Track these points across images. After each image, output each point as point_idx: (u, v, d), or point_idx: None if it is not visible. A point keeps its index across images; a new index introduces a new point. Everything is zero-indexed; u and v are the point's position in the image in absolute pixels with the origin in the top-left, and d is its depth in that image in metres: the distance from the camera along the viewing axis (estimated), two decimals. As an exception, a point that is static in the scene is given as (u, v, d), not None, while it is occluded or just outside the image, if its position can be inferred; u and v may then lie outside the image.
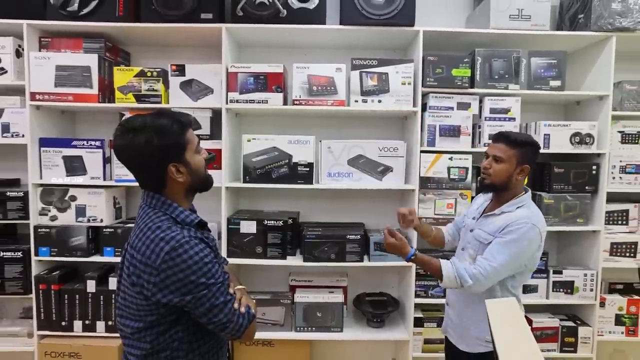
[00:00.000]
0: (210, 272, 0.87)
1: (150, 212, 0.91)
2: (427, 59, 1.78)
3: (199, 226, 0.96)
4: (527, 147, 1.28)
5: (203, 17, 1.77)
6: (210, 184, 1.01)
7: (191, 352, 0.92)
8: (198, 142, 0.97)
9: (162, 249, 0.84)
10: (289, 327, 1.89)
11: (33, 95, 1.77)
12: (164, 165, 0.90)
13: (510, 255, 1.21)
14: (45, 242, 1.81)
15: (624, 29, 1.76)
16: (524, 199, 1.30)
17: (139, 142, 0.87)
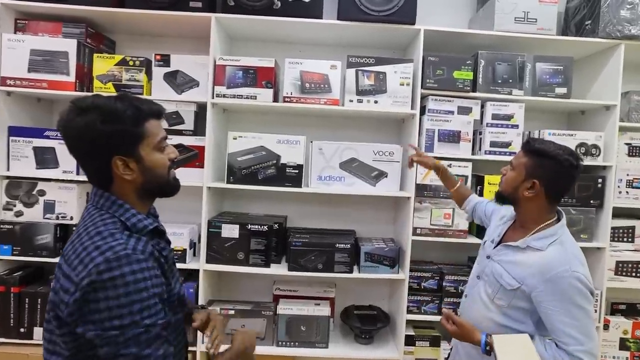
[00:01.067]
0: (140, 305, 0.68)
1: (95, 214, 0.77)
2: (428, 59, 1.69)
3: (155, 234, 0.82)
4: (544, 159, 1.06)
5: (192, 5, 1.67)
6: (174, 190, 0.87)
7: None
8: (163, 138, 0.83)
9: (92, 260, 0.68)
10: (271, 341, 1.75)
11: (3, 80, 1.64)
12: (108, 157, 0.76)
13: (585, 324, 1.01)
14: (7, 240, 1.66)
15: (633, 37, 1.68)
16: (555, 232, 1.08)
17: (79, 124, 0.74)
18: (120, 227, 0.75)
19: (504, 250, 1.16)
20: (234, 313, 1.74)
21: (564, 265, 1.02)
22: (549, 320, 1.05)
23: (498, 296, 1.12)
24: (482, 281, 1.20)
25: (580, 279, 1.02)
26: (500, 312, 1.12)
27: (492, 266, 1.17)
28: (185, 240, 1.72)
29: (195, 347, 1.71)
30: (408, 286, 1.74)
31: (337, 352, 1.75)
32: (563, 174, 1.07)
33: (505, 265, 1.13)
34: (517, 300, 1.09)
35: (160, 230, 0.84)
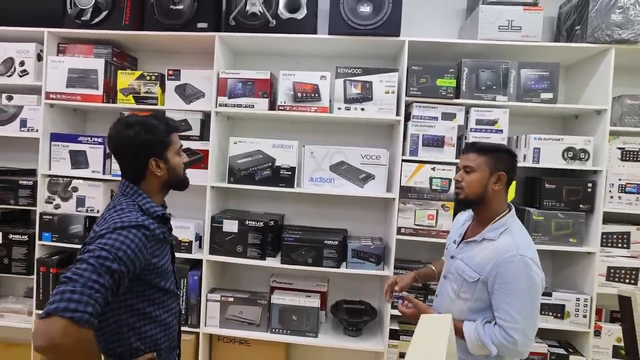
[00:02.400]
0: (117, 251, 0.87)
1: (121, 198, 1.02)
2: (412, 69, 1.79)
3: (162, 220, 1.04)
4: (498, 153, 1.19)
5: (199, 26, 1.90)
6: (186, 185, 1.13)
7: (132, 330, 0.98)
8: (180, 146, 1.10)
9: (114, 222, 0.92)
10: (265, 328, 1.91)
11: (47, 95, 1.96)
12: (147, 158, 1.02)
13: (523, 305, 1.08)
14: (49, 228, 1.97)
15: (623, 41, 1.67)
16: (506, 221, 1.18)
17: (129, 134, 1.01)
18: (137, 208, 1.00)
19: (464, 247, 1.25)
20: (232, 300, 1.93)
21: (512, 250, 1.11)
22: (495, 301, 1.13)
23: (463, 290, 1.20)
24: (448, 280, 1.29)
25: (526, 262, 1.09)
26: (466, 306, 1.20)
27: (455, 264, 1.25)
28: (191, 233, 1.94)
29: (199, 328, 1.92)
30: (393, 283, 1.83)
31: (326, 342, 1.88)
32: (514, 162, 1.21)
33: (466, 260, 1.22)
34: (480, 293, 1.17)
35: (166, 217, 1.07)
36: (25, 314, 2.05)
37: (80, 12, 1.93)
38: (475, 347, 1.14)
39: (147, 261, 0.96)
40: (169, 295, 1.06)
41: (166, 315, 1.05)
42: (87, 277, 0.81)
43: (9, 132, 2.02)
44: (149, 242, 0.96)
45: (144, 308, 0.99)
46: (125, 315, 0.97)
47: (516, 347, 1.08)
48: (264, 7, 1.84)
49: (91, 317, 0.79)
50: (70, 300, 0.77)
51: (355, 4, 1.79)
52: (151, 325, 1.01)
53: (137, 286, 0.97)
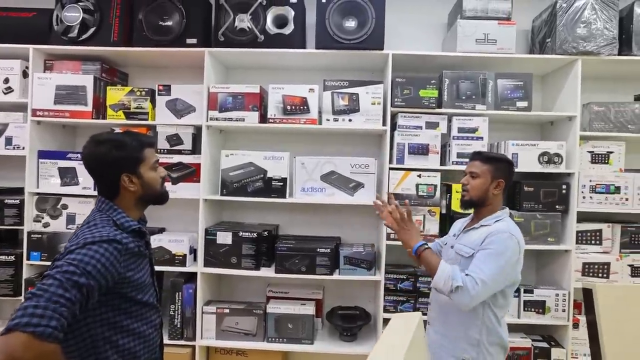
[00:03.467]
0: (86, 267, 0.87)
1: (96, 214, 1.03)
2: (396, 81, 1.87)
3: (138, 234, 1.06)
4: (500, 163, 1.37)
5: (188, 42, 1.93)
6: (165, 199, 1.15)
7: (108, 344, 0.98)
8: (156, 161, 1.11)
9: (85, 238, 0.93)
10: (261, 338, 1.94)
11: (34, 112, 1.95)
12: (119, 174, 1.03)
13: (497, 266, 1.22)
14: (37, 248, 1.94)
15: (588, 53, 1.81)
16: (501, 214, 1.35)
17: (100, 152, 1.03)
18: (111, 223, 1.01)
19: (463, 235, 1.40)
20: (228, 311, 1.95)
21: (505, 231, 1.27)
22: (475, 261, 1.25)
23: (461, 267, 1.29)
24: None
25: (512, 239, 1.26)
26: None
27: (455, 249, 1.38)
28: (185, 246, 1.95)
29: (195, 341, 1.92)
30: (385, 287, 1.90)
31: (322, 348, 1.92)
32: (512, 171, 1.40)
33: (464, 242, 1.36)
34: None
35: (142, 232, 1.08)
36: (13, 336, 2.00)
37: (67, 29, 1.93)
38: (442, 279, 1.23)
39: (121, 275, 0.97)
40: (147, 308, 1.07)
41: (145, 327, 1.05)
42: (52, 292, 0.82)
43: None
44: (122, 256, 0.97)
45: (121, 321, 1.00)
46: (102, 329, 0.97)
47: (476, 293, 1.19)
48: (252, 23, 1.90)
49: (55, 330, 0.79)
50: (32, 315, 0.78)
51: (341, 19, 1.87)
52: (129, 338, 1.01)
53: (112, 300, 0.98)
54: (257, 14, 1.90)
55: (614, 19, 1.81)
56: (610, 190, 1.85)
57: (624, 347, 1.02)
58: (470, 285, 1.19)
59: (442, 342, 1.35)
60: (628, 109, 1.85)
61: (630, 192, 1.85)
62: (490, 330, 1.29)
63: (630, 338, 1.02)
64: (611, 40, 1.80)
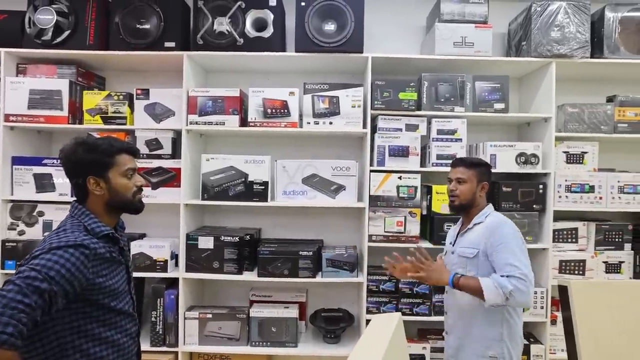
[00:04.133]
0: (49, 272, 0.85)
1: (68, 220, 1.02)
2: (375, 83, 1.89)
3: (112, 240, 1.04)
4: (482, 167, 1.47)
5: (167, 45, 1.91)
6: (137, 209, 1.11)
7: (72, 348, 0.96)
8: (130, 169, 1.08)
9: (51, 243, 0.92)
10: (245, 342, 1.93)
11: (7, 117, 1.90)
12: (85, 176, 1.03)
13: (520, 252, 1.30)
14: (12, 256, 1.89)
15: (562, 56, 1.85)
16: (487, 210, 1.45)
17: (69, 151, 1.03)
18: (82, 229, 0.99)
19: (460, 239, 1.46)
20: (211, 316, 1.93)
21: (500, 222, 1.38)
22: (495, 262, 1.32)
23: (468, 269, 1.38)
24: (452, 271, 1.40)
25: (512, 227, 1.36)
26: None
27: (457, 252, 1.45)
28: (166, 251, 1.93)
29: (177, 347, 1.91)
30: (368, 289, 1.91)
31: (306, 351, 1.92)
32: (491, 173, 1.51)
33: (464, 245, 1.43)
34: (483, 264, 1.36)
35: (115, 237, 1.06)
36: (-11, 347, 1.94)
37: (41, 32, 1.88)
38: (493, 293, 1.26)
39: (90, 281, 0.95)
40: (123, 316, 1.05)
41: (119, 336, 1.03)
42: (10, 297, 0.81)
43: (-35, 157, 1.93)
44: (90, 262, 0.95)
45: (92, 329, 0.98)
46: (71, 337, 0.96)
47: (528, 284, 1.25)
48: (231, 26, 1.88)
49: (11, 337, 0.78)
50: None
51: (320, 22, 1.87)
52: (101, 347, 0.99)
53: (83, 307, 0.96)
54: (236, 17, 1.89)
55: (586, 22, 1.86)
56: (585, 189, 1.90)
57: (599, 342, 1.05)
58: (520, 284, 1.24)
59: (466, 344, 1.39)
60: (601, 110, 1.90)
61: (603, 191, 1.90)
62: (511, 325, 1.36)
63: (605, 333, 1.05)
64: (584, 44, 1.85)
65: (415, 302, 1.92)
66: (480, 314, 1.35)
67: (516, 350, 1.37)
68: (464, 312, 1.40)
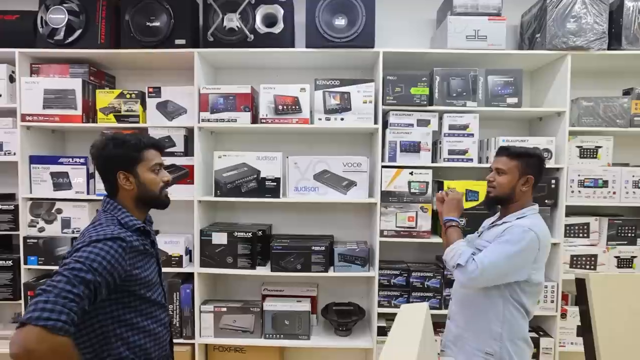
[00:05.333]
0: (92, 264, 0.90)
1: (102, 215, 1.07)
2: (387, 79, 1.87)
3: (143, 233, 1.08)
4: (528, 158, 1.32)
5: (177, 42, 1.91)
6: (164, 203, 1.15)
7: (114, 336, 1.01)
8: (157, 164, 1.11)
9: (91, 237, 0.97)
10: (259, 334, 1.98)
11: (23, 117, 1.93)
12: (115, 172, 1.07)
13: (505, 254, 1.22)
14: (34, 252, 1.95)
15: (578, 48, 1.81)
16: (525, 212, 1.32)
17: (100, 147, 1.07)
18: (116, 222, 1.04)
19: (486, 232, 1.39)
20: (226, 310, 1.99)
21: (523, 225, 1.25)
22: (489, 247, 1.27)
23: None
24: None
25: (531, 235, 1.23)
26: None
27: (475, 244, 1.38)
28: (181, 247, 1.97)
29: (194, 340, 1.97)
30: (379, 283, 1.94)
31: (318, 343, 1.97)
32: (542, 166, 1.35)
33: (485, 237, 1.36)
34: None
35: (146, 230, 1.10)
36: (15, 339, 2.03)
37: (53, 32, 1.90)
38: (450, 253, 1.30)
39: (127, 272, 0.99)
40: (156, 307, 1.10)
41: (155, 325, 1.08)
42: (61, 287, 0.85)
43: (-15, 156, 1.98)
44: (127, 254, 0.99)
45: (131, 319, 1.03)
46: (113, 325, 1.01)
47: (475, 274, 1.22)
48: (241, 23, 1.87)
49: (65, 324, 0.82)
50: (43, 309, 0.81)
51: (331, 17, 1.86)
52: (140, 336, 1.05)
53: (122, 297, 1.01)
54: (246, 13, 1.88)
55: (604, 12, 1.81)
56: (599, 184, 1.88)
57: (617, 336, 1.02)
58: (470, 267, 1.23)
59: (465, 336, 1.35)
60: (616, 104, 1.87)
61: (617, 186, 1.88)
62: (513, 325, 1.28)
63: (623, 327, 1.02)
64: (601, 35, 1.80)
65: (426, 296, 1.94)
66: (481, 309, 1.31)
67: (518, 352, 1.29)
68: (464, 303, 1.37)
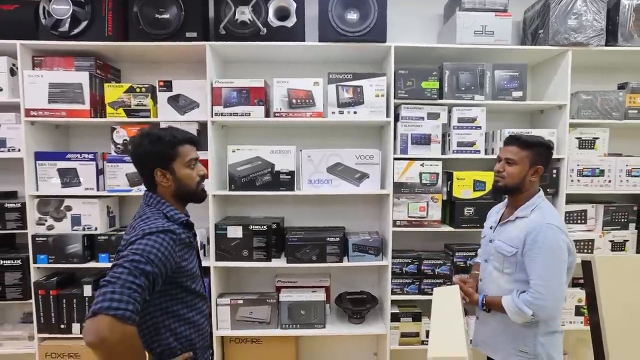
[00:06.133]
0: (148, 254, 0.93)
1: (146, 209, 1.08)
2: (399, 73, 1.91)
3: (186, 226, 1.10)
4: (539, 148, 1.30)
5: (188, 35, 1.88)
6: (201, 198, 1.17)
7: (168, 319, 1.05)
8: (192, 159, 1.12)
9: (143, 230, 0.98)
10: (275, 325, 2.02)
11: (28, 112, 1.87)
12: (152, 169, 1.07)
13: (551, 264, 1.19)
14: (43, 250, 1.91)
15: (578, 44, 1.90)
16: (535, 201, 1.31)
17: (136, 144, 1.07)
18: (162, 216, 1.05)
19: (500, 229, 1.37)
20: (242, 302, 2.01)
21: (542, 221, 1.25)
22: (528, 268, 1.24)
23: (505, 266, 1.30)
24: (489, 262, 1.39)
25: (552, 228, 1.22)
26: (511, 279, 1.30)
27: (494, 245, 1.36)
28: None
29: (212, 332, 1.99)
30: (392, 271, 2.01)
31: (334, 331, 2.03)
32: (550, 155, 1.34)
33: (503, 239, 1.33)
34: (520, 265, 1.27)
35: (190, 223, 1.13)
36: (25, 339, 1.99)
37: (57, 23, 1.83)
38: (514, 315, 1.24)
39: (177, 264, 1.02)
40: (199, 298, 1.13)
41: (198, 317, 1.11)
42: (124, 279, 0.88)
43: (-13, 153, 1.91)
44: (177, 246, 1.01)
45: (178, 310, 1.06)
46: (162, 317, 1.04)
47: (545, 301, 1.18)
48: (254, 15, 1.86)
49: (132, 314, 0.86)
50: (112, 300, 0.85)
51: (343, 11, 1.87)
52: (185, 327, 1.08)
53: (170, 289, 1.04)
54: (258, 6, 1.87)
55: (602, 10, 1.90)
56: (596, 173, 2.00)
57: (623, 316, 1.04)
58: (537, 302, 1.19)
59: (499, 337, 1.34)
60: (613, 97, 1.98)
61: (612, 175, 2.01)
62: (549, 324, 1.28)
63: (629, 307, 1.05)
64: (599, 32, 1.90)
65: (436, 283, 2.03)
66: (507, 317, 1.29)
67: (552, 345, 1.28)
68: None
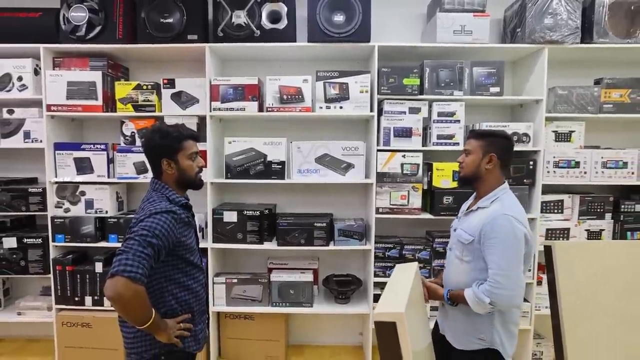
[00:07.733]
0: (153, 230, 1.12)
1: (152, 193, 1.27)
2: (382, 70, 2.06)
3: (185, 207, 1.29)
4: (491, 138, 1.35)
5: (189, 37, 2.08)
6: (199, 186, 1.36)
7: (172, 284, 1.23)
8: (194, 152, 1.32)
9: (150, 210, 1.18)
10: (267, 303, 2.20)
11: (49, 107, 2.10)
12: (160, 158, 1.27)
13: (508, 253, 1.21)
14: (61, 230, 2.15)
15: (554, 42, 2.00)
16: (497, 192, 1.33)
17: (148, 137, 1.28)
18: (165, 199, 1.24)
19: (464, 218, 1.42)
20: (236, 281, 2.20)
21: (498, 212, 1.26)
22: (487, 259, 1.26)
23: (464, 254, 1.34)
24: (452, 250, 1.44)
25: (508, 219, 1.23)
26: (470, 267, 1.32)
27: (457, 234, 1.40)
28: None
29: (208, 308, 2.18)
30: (375, 255, 2.15)
31: (320, 310, 2.19)
32: (508, 145, 1.37)
33: (463, 227, 1.37)
34: (478, 253, 1.29)
35: (189, 205, 1.32)
36: (45, 310, 2.24)
37: (75, 28, 2.06)
38: (476, 305, 1.25)
39: (178, 239, 1.21)
40: (197, 269, 1.32)
41: (195, 285, 1.31)
42: (135, 249, 1.09)
43: (14, 144, 2.16)
44: (178, 224, 1.21)
45: (179, 278, 1.25)
46: (166, 283, 1.23)
47: (504, 289, 1.20)
48: (249, 19, 2.05)
49: (142, 276, 1.07)
50: (126, 264, 1.06)
51: (330, 13, 2.03)
52: (185, 292, 1.27)
53: (172, 260, 1.23)
54: (252, 11, 2.05)
55: (577, 9, 1.99)
56: (571, 165, 2.10)
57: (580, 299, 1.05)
58: (495, 291, 1.20)
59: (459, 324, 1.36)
60: (588, 92, 2.07)
61: (588, 166, 2.09)
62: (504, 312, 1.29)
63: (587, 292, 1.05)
64: (574, 30, 1.99)
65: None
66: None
67: (510, 339, 1.32)
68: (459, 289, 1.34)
